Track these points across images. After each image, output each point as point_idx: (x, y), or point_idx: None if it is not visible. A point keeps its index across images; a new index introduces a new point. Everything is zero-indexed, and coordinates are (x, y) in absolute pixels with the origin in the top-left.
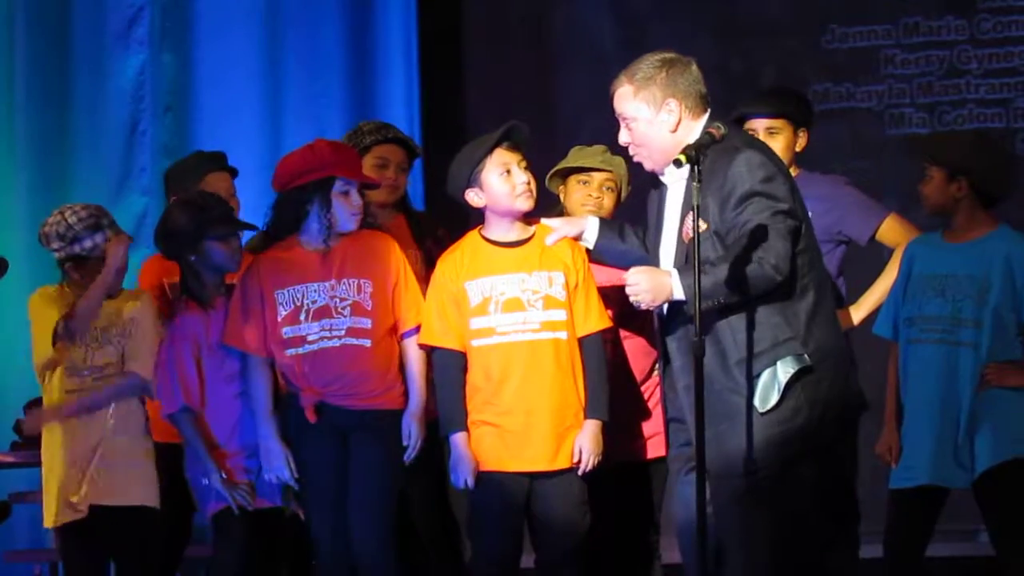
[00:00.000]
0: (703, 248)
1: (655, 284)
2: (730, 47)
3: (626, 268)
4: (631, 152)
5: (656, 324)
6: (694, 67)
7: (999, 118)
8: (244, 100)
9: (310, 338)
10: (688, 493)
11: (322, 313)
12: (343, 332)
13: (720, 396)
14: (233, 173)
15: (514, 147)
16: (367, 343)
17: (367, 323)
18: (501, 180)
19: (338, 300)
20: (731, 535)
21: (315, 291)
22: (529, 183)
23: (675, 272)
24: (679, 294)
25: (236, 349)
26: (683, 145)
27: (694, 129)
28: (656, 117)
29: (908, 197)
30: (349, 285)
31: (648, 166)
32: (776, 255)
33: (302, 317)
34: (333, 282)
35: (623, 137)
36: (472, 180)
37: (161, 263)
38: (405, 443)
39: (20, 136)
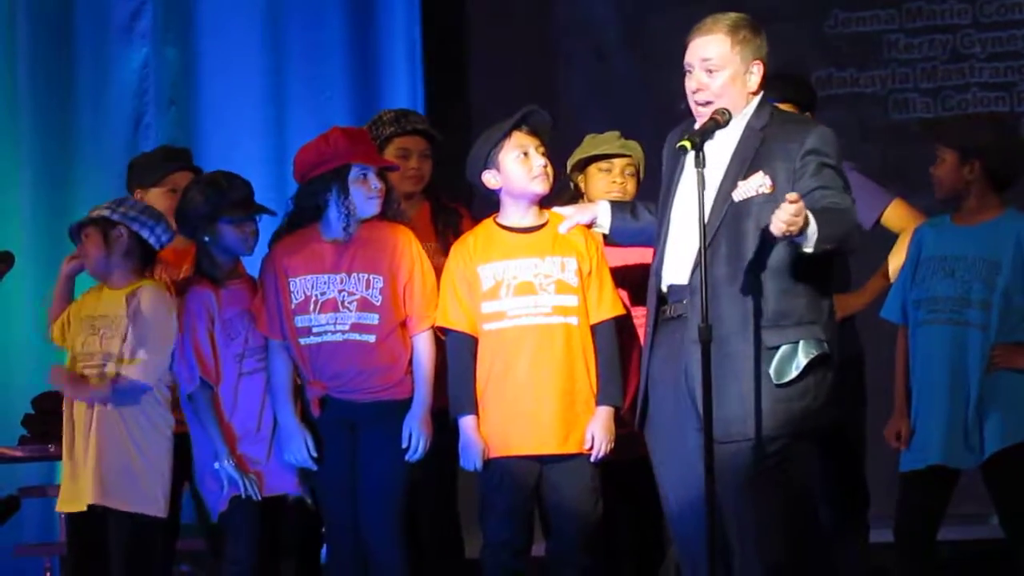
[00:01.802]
0: (760, 210)
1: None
2: None
3: (644, 247)
4: (700, 99)
5: (653, 279)
6: None
7: (1003, 102)
8: (248, 92)
9: (315, 330)
10: (683, 476)
11: (329, 306)
12: (347, 327)
13: (732, 359)
14: (196, 172)
15: (532, 132)
16: (371, 339)
17: (373, 319)
18: (517, 163)
19: (346, 294)
20: (743, 513)
21: (325, 283)
22: (546, 167)
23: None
24: (812, 237)
25: (243, 331)
26: (749, 110)
27: (758, 98)
28: (743, 74)
29: (912, 182)
30: (359, 279)
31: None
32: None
33: (311, 308)
34: (343, 275)
35: (700, 80)
36: (489, 162)
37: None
38: (404, 445)
39: (24, 131)
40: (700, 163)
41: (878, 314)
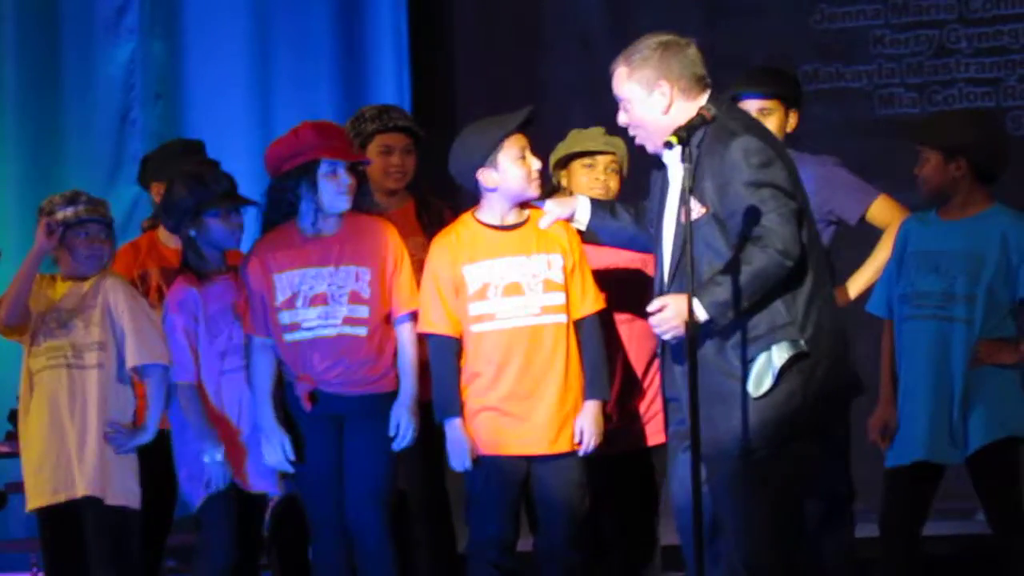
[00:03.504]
0: (704, 232)
1: (679, 311)
2: (719, 28)
3: (621, 247)
4: (631, 132)
5: (658, 285)
6: (691, 49)
7: (989, 97)
8: (234, 86)
9: (305, 325)
10: (684, 472)
11: (319, 300)
12: (339, 321)
13: (715, 378)
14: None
15: (523, 132)
16: (363, 332)
17: (364, 311)
18: (517, 164)
19: (336, 288)
20: (729, 515)
21: (313, 277)
22: (540, 170)
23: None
24: (702, 315)
25: (226, 328)
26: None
27: (689, 111)
28: (648, 98)
29: (897, 178)
30: (347, 273)
31: (649, 148)
32: (783, 240)
33: (299, 303)
34: (332, 269)
35: (621, 119)
36: (489, 161)
37: (135, 253)
38: (392, 434)
39: (10, 126)
40: (687, 158)
41: (864, 309)
